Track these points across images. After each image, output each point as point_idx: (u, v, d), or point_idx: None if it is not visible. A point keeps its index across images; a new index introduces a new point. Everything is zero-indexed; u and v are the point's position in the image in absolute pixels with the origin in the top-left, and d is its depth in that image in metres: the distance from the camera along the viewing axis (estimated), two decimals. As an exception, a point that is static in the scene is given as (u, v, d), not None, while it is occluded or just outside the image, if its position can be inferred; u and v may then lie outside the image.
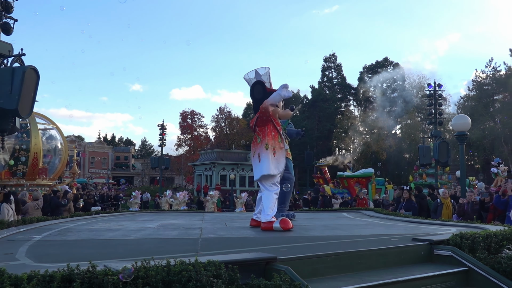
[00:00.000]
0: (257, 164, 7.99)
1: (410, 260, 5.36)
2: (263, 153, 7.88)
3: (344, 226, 8.44)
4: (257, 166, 7.97)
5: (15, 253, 5.08)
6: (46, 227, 8.22)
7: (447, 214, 12.44)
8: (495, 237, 5.66)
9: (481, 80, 54.97)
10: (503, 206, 10.07)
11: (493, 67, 54.39)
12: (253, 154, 8.22)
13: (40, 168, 20.06)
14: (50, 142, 23.32)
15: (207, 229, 8.03)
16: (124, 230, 7.81)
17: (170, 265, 3.60)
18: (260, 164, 7.89)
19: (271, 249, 5.23)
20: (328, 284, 4.35)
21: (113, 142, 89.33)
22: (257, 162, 7.96)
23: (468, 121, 14.19)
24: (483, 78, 55.00)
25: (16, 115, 10.19)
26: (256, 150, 8.05)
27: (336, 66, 65.82)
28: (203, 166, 48.02)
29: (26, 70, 9.72)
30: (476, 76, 55.96)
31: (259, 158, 7.91)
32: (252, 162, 8.27)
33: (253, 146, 8.20)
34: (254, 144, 8.16)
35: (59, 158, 22.76)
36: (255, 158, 8.04)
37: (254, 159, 8.10)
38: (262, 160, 7.86)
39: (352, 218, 10.31)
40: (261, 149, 7.92)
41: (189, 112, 68.29)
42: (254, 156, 8.10)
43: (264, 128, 8.04)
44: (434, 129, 25.41)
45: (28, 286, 3.08)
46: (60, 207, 15.50)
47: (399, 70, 61.63)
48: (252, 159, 8.31)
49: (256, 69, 8.54)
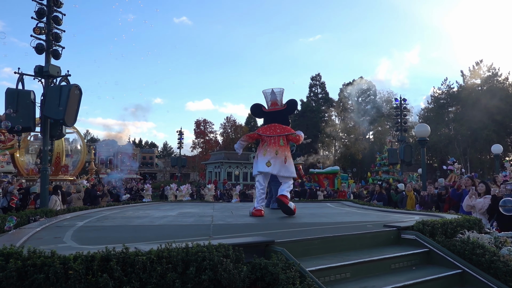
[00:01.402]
0: (282, 164, 7.66)
1: (382, 243, 5.35)
2: (289, 158, 7.80)
3: (328, 214, 8.41)
4: (282, 166, 7.67)
5: (62, 237, 5.06)
6: (87, 215, 8.17)
7: (411, 204, 12.43)
8: (450, 224, 5.66)
9: (438, 95, 55.02)
10: (457, 198, 10.07)
11: (447, 85, 54.53)
12: (277, 153, 7.74)
13: (62, 166, 19.67)
14: (71, 144, 23.22)
15: (217, 216, 7.99)
16: (150, 218, 7.77)
17: (188, 247, 3.60)
18: (287, 166, 7.70)
19: (269, 234, 5.23)
20: (316, 262, 4.33)
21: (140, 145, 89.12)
22: (282, 162, 7.67)
23: (428, 129, 14.19)
24: (439, 93, 55.06)
25: (63, 124, 10.22)
26: (282, 152, 7.75)
27: (320, 84, 65.80)
28: (213, 164, 48.05)
29: (71, 88, 9.76)
30: (433, 92, 56.20)
31: (285, 160, 7.69)
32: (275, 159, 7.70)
33: (277, 146, 7.81)
34: (276, 144, 7.81)
35: (78, 157, 22.34)
36: (279, 159, 7.67)
37: (278, 159, 7.68)
38: (288, 163, 7.73)
39: (334, 208, 10.26)
40: (288, 153, 7.81)
41: (202, 120, 68.56)
42: (279, 156, 7.69)
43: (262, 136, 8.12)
44: (400, 134, 25.38)
45: (74, 265, 3.08)
46: (98, 198, 15.49)
47: (372, 87, 61.77)
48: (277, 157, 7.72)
49: (272, 88, 8.47)
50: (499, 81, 50.44)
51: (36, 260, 3.10)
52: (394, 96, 50.51)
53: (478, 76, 51.96)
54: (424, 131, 13.94)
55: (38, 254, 3.20)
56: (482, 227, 6.11)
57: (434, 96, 55.47)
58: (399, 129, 25.21)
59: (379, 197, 13.55)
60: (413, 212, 8.56)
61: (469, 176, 10.69)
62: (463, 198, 8.79)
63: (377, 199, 13.36)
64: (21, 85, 9.84)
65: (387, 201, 13.40)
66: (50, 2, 10.44)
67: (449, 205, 10.51)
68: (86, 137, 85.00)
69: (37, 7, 10.23)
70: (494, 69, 51.10)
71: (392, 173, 28.48)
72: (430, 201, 11.69)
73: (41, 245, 3.66)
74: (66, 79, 10.25)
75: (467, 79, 53.05)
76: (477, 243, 4.92)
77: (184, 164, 41.47)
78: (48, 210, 7.87)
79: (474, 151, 49.81)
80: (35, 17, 10.20)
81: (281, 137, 7.90)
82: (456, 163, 20.30)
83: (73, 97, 9.82)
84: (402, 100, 25.54)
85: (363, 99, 61.52)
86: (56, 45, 10.46)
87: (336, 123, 63.50)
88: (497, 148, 21.14)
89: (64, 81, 10.24)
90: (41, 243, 4.37)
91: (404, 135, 25.94)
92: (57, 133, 10.37)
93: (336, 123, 63.76)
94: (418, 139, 14.11)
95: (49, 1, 10.42)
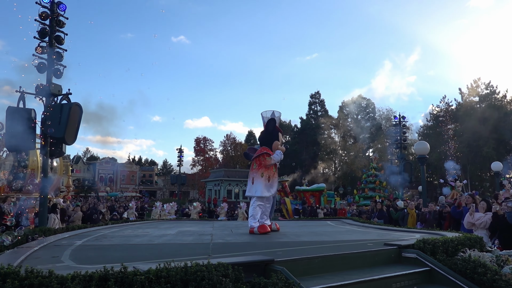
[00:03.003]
0: (250, 184, 8.36)
1: (383, 262, 5.29)
2: (257, 178, 8.22)
3: (328, 233, 8.36)
4: (250, 185, 8.35)
5: (60, 256, 5.01)
6: (85, 233, 8.10)
7: (411, 222, 12.35)
8: (451, 242, 5.61)
9: (437, 113, 55.27)
10: (458, 216, 10.01)
11: (446, 103, 54.86)
12: (249, 176, 8.53)
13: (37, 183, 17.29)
14: None
15: (216, 235, 7.94)
16: (149, 236, 7.72)
17: (187, 266, 3.56)
18: (253, 185, 8.24)
19: (269, 253, 5.18)
20: (316, 281, 4.28)
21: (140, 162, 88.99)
22: (250, 183, 8.33)
23: (427, 146, 14.24)
24: (438, 111, 55.32)
25: (63, 142, 10.24)
26: (251, 173, 8.39)
27: (320, 102, 66.16)
28: (213, 182, 47.88)
29: (72, 106, 9.83)
30: (432, 110, 56.46)
31: (253, 181, 8.26)
32: (248, 181, 8.57)
33: (251, 168, 8.50)
34: (251, 168, 8.47)
35: (54, 174, 20.04)
36: (249, 179, 8.41)
37: (249, 179, 8.45)
38: (255, 183, 8.21)
39: (334, 226, 10.20)
40: (256, 174, 8.24)
41: (201, 138, 68.68)
42: (249, 177, 8.46)
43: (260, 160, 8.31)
44: (399, 152, 25.41)
45: (72, 285, 3.05)
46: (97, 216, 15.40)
47: (370, 104, 62.14)
48: (248, 179, 8.58)
49: (273, 111, 8.70)
50: (497, 99, 50.76)
51: (34, 280, 3.07)
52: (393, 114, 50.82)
53: (476, 94, 52.31)
54: (423, 148, 13.98)
55: (35, 274, 3.17)
56: (484, 245, 6.06)
57: (433, 113, 55.76)
58: (399, 146, 25.25)
59: (379, 215, 13.47)
60: (414, 230, 8.51)
61: (469, 194, 10.65)
62: (464, 216, 8.75)
63: (378, 217, 13.29)
64: (22, 103, 9.91)
65: (388, 219, 13.32)
66: (53, 22, 10.60)
67: (449, 222, 10.44)
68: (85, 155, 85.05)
69: (40, 27, 10.39)
70: (492, 86, 51.51)
71: (379, 191, 28.54)
72: (431, 218, 11.61)
73: (39, 265, 3.63)
74: (67, 98, 10.33)
75: (465, 96, 53.42)
76: (478, 262, 4.87)
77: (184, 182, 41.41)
78: (47, 228, 7.82)
79: (474, 169, 49.72)
80: (38, 37, 10.34)
81: (254, 161, 8.41)
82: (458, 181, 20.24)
83: (73, 115, 9.89)
84: (402, 117, 25.66)
85: (362, 116, 61.80)
86: (58, 64, 10.57)
87: (335, 141, 63.61)
88: (497, 165, 21.13)
89: (65, 99, 10.31)
90: (38, 262, 4.33)
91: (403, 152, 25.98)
92: (57, 151, 10.40)
93: (335, 140, 63.88)
94: (418, 157, 14.12)
95: (51, 21, 10.59)
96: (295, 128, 67.40)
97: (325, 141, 61.02)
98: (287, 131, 68.60)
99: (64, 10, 10.78)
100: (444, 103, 54.99)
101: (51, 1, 10.57)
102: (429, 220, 11.54)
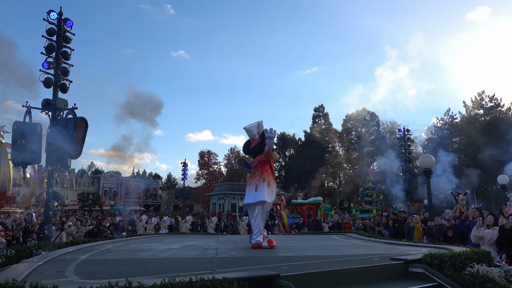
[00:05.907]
0: (253, 192, 8.29)
1: (389, 276, 5.22)
2: (260, 184, 8.23)
3: (333, 247, 8.28)
4: (253, 193, 8.28)
5: (65, 271, 4.99)
6: (90, 248, 8.08)
7: (418, 236, 12.21)
8: (459, 257, 5.55)
9: (441, 126, 55.14)
10: (465, 230, 9.89)
11: (450, 115, 54.79)
12: (249, 184, 8.53)
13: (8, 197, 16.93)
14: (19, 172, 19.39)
15: (221, 249, 7.89)
16: (154, 251, 7.68)
17: (192, 281, 3.54)
18: (257, 192, 8.21)
19: (274, 267, 5.14)
20: (322, 297, 4.24)
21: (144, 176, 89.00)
22: (253, 190, 8.28)
23: (432, 159, 14.16)
24: (442, 124, 55.21)
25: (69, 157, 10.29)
26: (254, 181, 8.36)
27: (324, 115, 66.19)
28: (217, 195, 47.76)
29: (77, 121, 9.91)
30: (436, 122, 56.38)
31: (256, 188, 8.24)
32: (248, 189, 8.54)
33: (252, 177, 8.48)
34: (253, 176, 8.45)
35: (27, 187, 19.47)
36: (252, 187, 8.36)
37: (250, 188, 8.41)
38: (259, 189, 8.20)
39: (340, 240, 10.11)
40: (259, 181, 8.25)
41: (206, 152, 68.80)
42: (251, 186, 8.41)
43: (264, 166, 8.36)
44: (404, 165, 25.25)
45: (76, 300, 3.03)
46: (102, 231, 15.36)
47: (374, 117, 62.09)
48: (248, 188, 8.58)
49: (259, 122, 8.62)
50: (502, 112, 50.67)
51: (38, 295, 3.06)
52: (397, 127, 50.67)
53: (481, 107, 52.25)
54: (428, 161, 13.91)
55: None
56: (492, 260, 5.98)
57: (437, 126, 55.64)
58: (404, 159, 25.11)
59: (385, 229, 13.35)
60: (420, 244, 8.41)
61: (476, 207, 10.55)
62: (471, 230, 8.65)
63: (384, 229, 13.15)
64: (28, 118, 10.00)
65: (393, 232, 13.18)
66: (60, 38, 10.76)
67: (456, 236, 10.31)
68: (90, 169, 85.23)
69: (47, 43, 10.54)
70: (496, 99, 51.47)
71: (376, 204, 28.32)
72: (437, 232, 11.48)
73: (43, 280, 3.61)
74: (72, 112, 10.42)
75: (469, 109, 53.35)
76: (487, 277, 4.81)
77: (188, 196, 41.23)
78: (51, 243, 7.80)
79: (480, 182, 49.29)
80: (45, 52, 10.49)
81: (256, 169, 8.42)
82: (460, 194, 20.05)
83: (79, 129, 9.95)
84: (406, 131, 25.58)
85: (366, 129, 61.72)
86: (64, 79, 10.69)
87: (340, 154, 63.44)
88: (503, 178, 20.94)
89: (70, 114, 10.40)
90: (43, 277, 4.31)
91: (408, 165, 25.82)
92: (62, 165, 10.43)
93: (340, 154, 63.71)
94: (423, 170, 14.04)
95: (58, 37, 10.75)
96: (299, 141, 67.38)
97: (329, 154, 60.89)
98: (291, 145, 68.58)
99: (71, 26, 10.94)
100: (448, 115, 54.96)
101: (58, 17, 10.74)
102: (436, 234, 11.42)
